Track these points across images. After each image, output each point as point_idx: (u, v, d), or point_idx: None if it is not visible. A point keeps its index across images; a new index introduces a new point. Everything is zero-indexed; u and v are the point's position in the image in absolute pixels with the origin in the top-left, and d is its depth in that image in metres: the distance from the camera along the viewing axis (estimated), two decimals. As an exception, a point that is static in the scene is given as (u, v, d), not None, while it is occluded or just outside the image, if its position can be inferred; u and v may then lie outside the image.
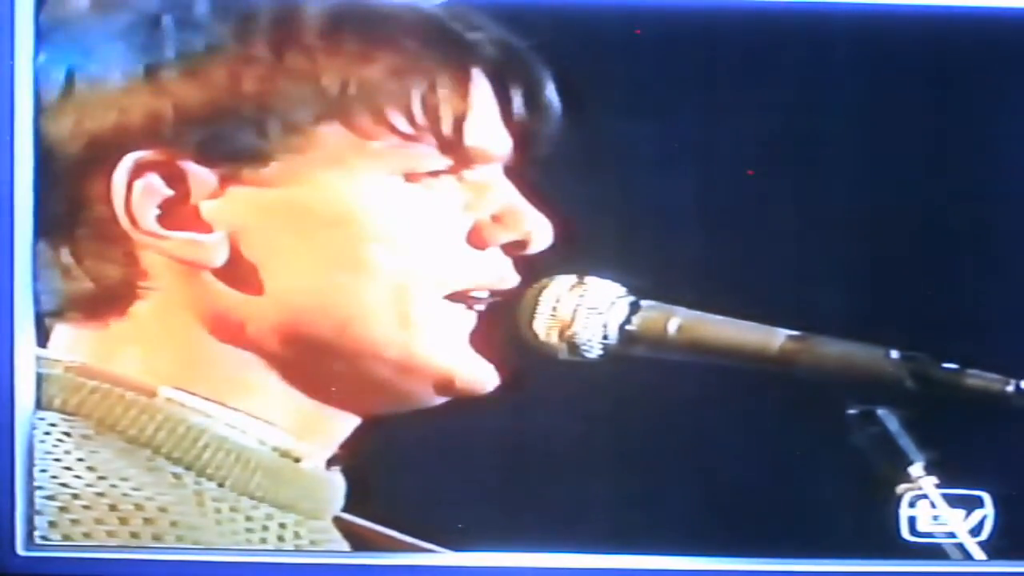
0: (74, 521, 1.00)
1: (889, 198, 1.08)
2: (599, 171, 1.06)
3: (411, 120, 1.00)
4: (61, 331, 1.04)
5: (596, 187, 1.06)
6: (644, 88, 1.07)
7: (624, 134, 1.07)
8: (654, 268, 1.06)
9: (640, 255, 1.06)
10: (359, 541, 1.06)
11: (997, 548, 1.06)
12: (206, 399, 1.02)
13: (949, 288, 1.08)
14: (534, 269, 1.05)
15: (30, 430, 1.04)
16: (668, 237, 1.07)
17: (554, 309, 1.04)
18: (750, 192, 1.07)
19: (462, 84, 1.01)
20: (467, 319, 1.04)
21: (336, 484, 1.05)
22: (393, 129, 1.00)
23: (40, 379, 1.04)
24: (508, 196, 1.04)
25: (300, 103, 0.99)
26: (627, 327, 1.04)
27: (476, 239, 1.03)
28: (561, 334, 1.04)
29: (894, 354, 1.01)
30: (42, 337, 1.05)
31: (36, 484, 1.03)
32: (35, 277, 1.04)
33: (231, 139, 0.99)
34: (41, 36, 1.04)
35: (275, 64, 0.99)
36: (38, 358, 1.05)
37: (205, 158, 0.99)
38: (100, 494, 0.99)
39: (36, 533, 1.04)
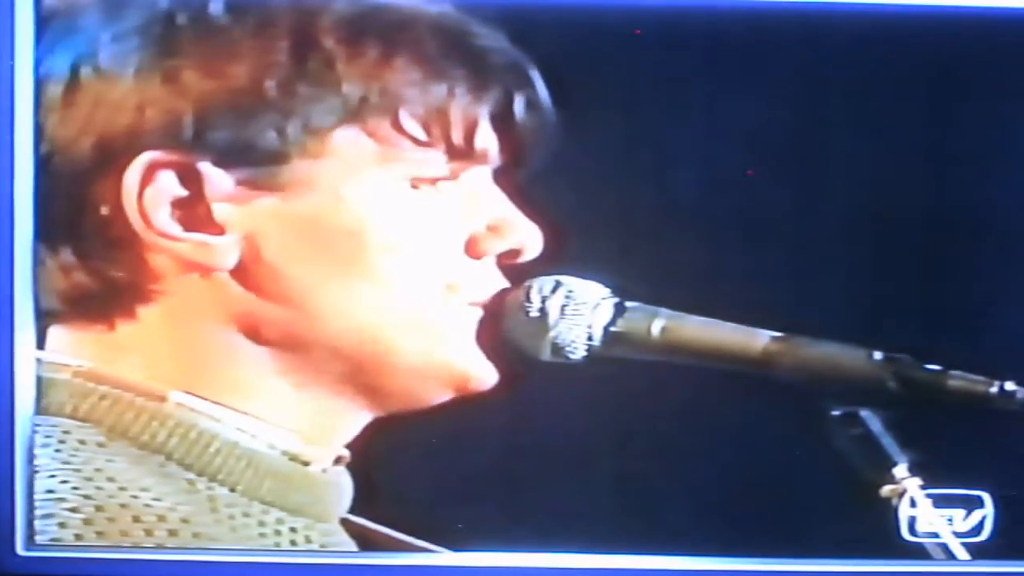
0: (99, 534, 1.01)
1: (884, 200, 1.08)
2: (596, 172, 1.06)
3: (426, 127, 1.00)
4: (61, 334, 1.04)
5: (592, 188, 1.06)
6: (644, 88, 1.06)
7: (624, 134, 1.06)
8: (649, 269, 1.06)
9: (635, 256, 1.07)
10: (366, 542, 1.08)
11: (991, 548, 1.08)
12: (215, 403, 1.02)
13: (935, 289, 1.09)
14: (523, 272, 1.06)
15: (31, 430, 1.04)
16: (666, 238, 1.08)
17: (539, 311, 1.04)
18: (749, 193, 1.07)
19: (476, 92, 1.01)
20: (472, 320, 1.05)
21: (344, 486, 1.07)
22: (409, 136, 1.00)
23: (47, 384, 1.04)
24: (501, 205, 1.04)
25: (321, 108, 0.98)
26: (612, 329, 1.04)
27: (472, 249, 1.04)
28: (545, 335, 1.04)
29: (877, 355, 1.02)
30: (41, 339, 1.05)
31: (58, 496, 1.02)
32: (35, 278, 1.04)
33: (248, 141, 0.98)
34: (43, 33, 1.02)
35: (296, 68, 0.98)
36: (42, 361, 1.04)
37: (221, 160, 0.98)
38: (123, 505, 1.00)
39: (63, 544, 1.04)
